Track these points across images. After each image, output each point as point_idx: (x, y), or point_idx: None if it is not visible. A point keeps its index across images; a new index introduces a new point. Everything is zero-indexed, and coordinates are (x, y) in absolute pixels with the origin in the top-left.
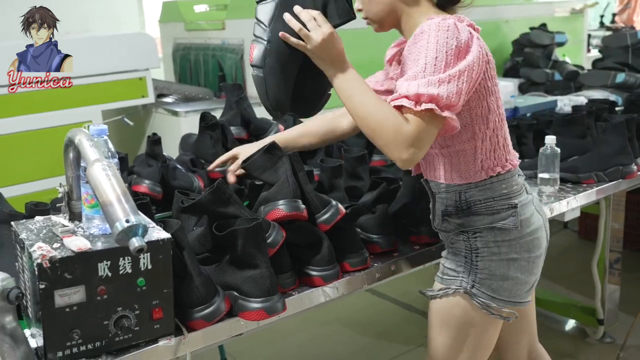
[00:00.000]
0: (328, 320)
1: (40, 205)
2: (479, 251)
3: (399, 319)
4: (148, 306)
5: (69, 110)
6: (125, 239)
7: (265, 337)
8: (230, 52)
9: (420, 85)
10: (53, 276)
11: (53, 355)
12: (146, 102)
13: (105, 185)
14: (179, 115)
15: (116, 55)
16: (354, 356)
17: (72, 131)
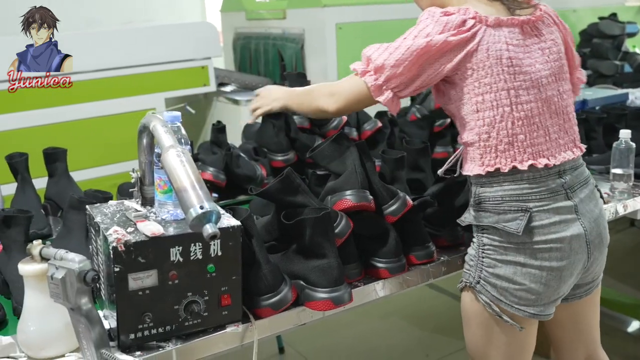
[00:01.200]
0: (385, 312)
1: (101, 193)
2: (486, 248)
3: (457, 315)
4: (217, 292)
5: (133, 98)
6: (199, 225)
7: (321, 328)
8: (291, 41)
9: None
10: (127, 260)
11: (125, 337)
12: (207, 90)
13: (180, 172)
14: (240, 103)
15: (179, 44)
16: (411, 350)
17: (146, 117)
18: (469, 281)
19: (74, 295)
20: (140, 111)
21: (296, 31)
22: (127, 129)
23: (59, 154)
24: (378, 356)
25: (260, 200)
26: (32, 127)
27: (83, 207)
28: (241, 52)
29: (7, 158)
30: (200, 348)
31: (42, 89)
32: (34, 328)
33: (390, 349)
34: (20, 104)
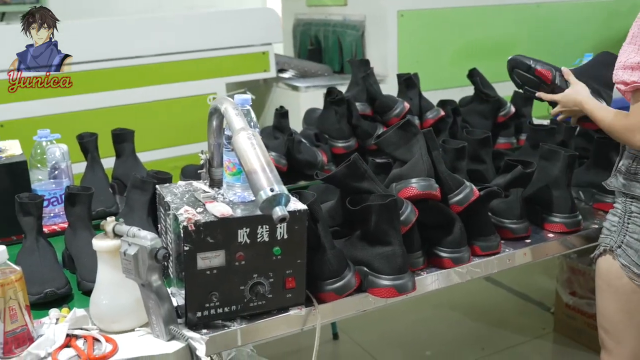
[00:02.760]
0: (439, 302)
1: (161, 174)
2: (633, 215)
3: (513, 309)
4: (282, 275)
5: (195, 82)
6: (268, 207)
7: (375, 315)
8: (351, 28)
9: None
10: (197, 239)
11: (192, 315)
12: (267, 76)
13: (251, 154)
14: (299, 90)
15: (241, 30)
16: (465, 342)
17: (217, 99)
18: (609, 245)
19: (145, 271)
20: (201, 95)
21: (357, 18)
22: (189, 112)
23: (126, 134)
24: (431, 346)
25: (318, 187)
26: (102, 109)
27: (145, 186)
28: (301, 38)
29: (78, 138)
30: (264, 329)
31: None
32: (106, 302)
33: (444, 340)
34: (90, 86)
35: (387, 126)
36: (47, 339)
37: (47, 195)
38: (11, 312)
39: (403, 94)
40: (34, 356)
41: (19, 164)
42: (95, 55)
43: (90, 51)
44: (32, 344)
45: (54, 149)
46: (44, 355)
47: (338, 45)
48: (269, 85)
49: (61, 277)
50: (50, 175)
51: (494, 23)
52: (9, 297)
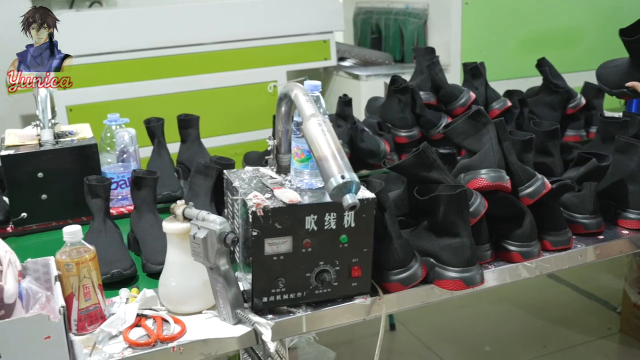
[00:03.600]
0: (498, 297)
1: (224, 159)
2: None
3: (577, 307)
4: (348, 263)
5: (257, 70)
6: (339, 194)
7: (432, 307)
8: (414, 16)
9: None
10: (265, 225)
11: (259, 300)
12: (328, 64)
13: (321, 141)
14: (360, 78)
15: (303, 18)
16: (525, 339)
17: (287, 85)
18: None
19: (213, 255)
20: (262, 83)
21: (419, 6)
22: (250, 100)
23: (192, 120)
24: (490, 342)
25: (380, 176)
26: (167, 95)
27: (209, 172)
28: (362, 26)
29: (145, 122)
30: (329, 317)
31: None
32: (175, 283)
33: (503, 336)
34: (156, 72)
35: (451, 116)
36: (118, 318)
37: (115, 178)
38: (85, 290)
39: (469, 84)
40: (106, 334)
41: (90, 146)
42: (161, 43)
43: (156, 38)
44: (104, 322)
45: (123, 133)
46: (115, 334)
47: (399, 34)
48: (329, 74)
49: (127, 258)
50: (118, 159)
51: (562, 11)
52: (83, 276)
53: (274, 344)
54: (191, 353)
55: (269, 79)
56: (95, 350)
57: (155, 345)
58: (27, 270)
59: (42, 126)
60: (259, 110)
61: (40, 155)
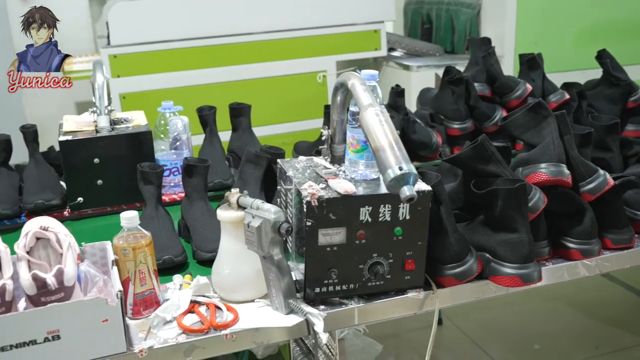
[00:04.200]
0: (550, 295)
1: (274, 149)
2: None
3: (631, 307)
4: (402, 256)
5: (307, 60)
6: (396, 186)
7: (480, 302)
8: (466, 6)
9: None
10: (319, 215)
11: (311, 290)
12: (378, 55)
13: (378, 131)
14: (411, 69)
15: (354, 7)
16: (577, 339)
17: (344, 74)
18: None
19: (267, 244)
20: (311, 73)
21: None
22: (298, 90)
23: (243, 109)
24: (541, 340)
25: (431, 168)
26: (218, 83)
27: (259, 161)
28: (412, 17)
29: (198, 110)
30: (381, 310)
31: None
32: (228, 271)
33: (554, 335)
34: (207, 61)
35: (506, 108)
36: (172, 304)
37: (168, 165)
38: (141, 275)
39: (525, 75)
40: (160, 319)
41: (145, 133)
42: (214, 31)
43: (209, 27)
44: (159, 307)
45: (176, 121)
46: (169, 319)
47: (450, 24)
48: (378, 64)
49: (178, 245)
50: (171, 146)
51: (623, 1)
52: (139, 261)
53: (325, 335)
54: (243, 341)
55: (319, 69)
56: (150, 334)
57: (208, 332)
58: (85, 254)
59: (98, 113)
60: (308, 100)
61: (97, 141)
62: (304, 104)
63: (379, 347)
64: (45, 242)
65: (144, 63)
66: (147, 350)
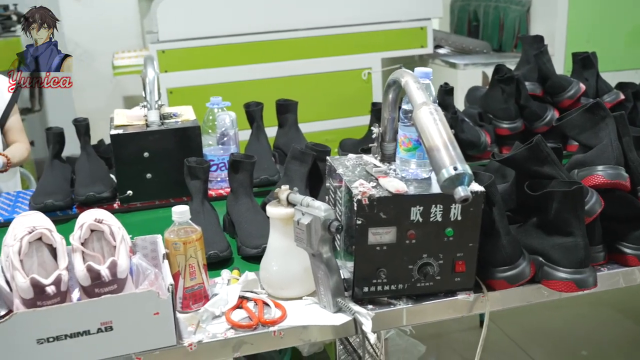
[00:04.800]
0: (598, 300)
1: (319, 146)
2: None
3: None
4: (452, 257)
5: (352, 57)
6: (450, 186)
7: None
8: (516, 4)
9: None
10: (370, 214)
11: (359, 289)
12: (424, 52)
13: (433, 130)
14: (457, 67)
15: (401, 4)
16: (627, 346)
17: (397, 72)
18: None
19: (317, 242)
20: (356, 70)
21: None
22: (343, 87)
23: (290, 105)
24: (588, 346)
25: (477, 168)
26: (263, 79)
27: (304, 158)
28: (459, 14)
29: (245, 106)
30: (430, 311)
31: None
32: (276, 268)
33: (602, 341)
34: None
35: (558, 108)
36: (221, 299)
37: (215, 160)
38: (191, 269)
39: (578, 74)
40: (209, 313)
41: (193, 128)
42: (260, 28)
43: (255, 23)
44: (208, 302)
45: (224, 116)
46: (218, 314)
47: (499, 22)
48: (424, 62)
49: (223, 240)
50: (219, 141)
51: None
52: (190, 255)
53: (374, 335)
54: (291, 338)
55: (364, 66)
56: (199, 328)
57: (256, 328)
58: (136, 247)
59: (149, 107)
60: (352, 97)
61: (147, 135)
62: (348, 101)
63: (422, 348)
64: (99, 235)
65: (191, 58)
66: (197, 345)
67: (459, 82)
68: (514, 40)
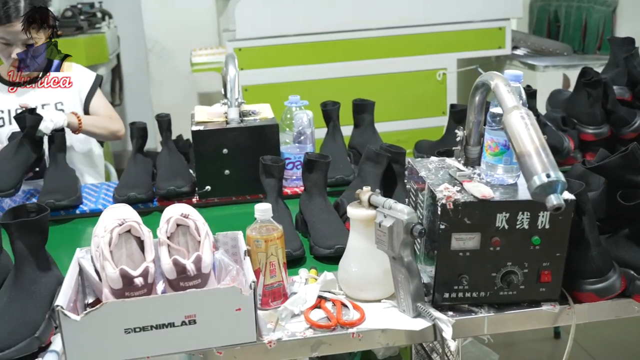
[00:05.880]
0: None
1: (394, 147)
2: None
3: None
4: (538, 267)
5: (427, 57)
6: (542, 194)
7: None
8: (601, 4)
9: None
10: (454, 218)
11: (440, 295)
12: (501, 53)
13: (524, 135)
14: (536, 69)
15: (480, 3)
16: None
17: (486, 74)
18: None
19: (398, 245)
20: (431, 70)
21: None
22: (416, 87)
23: (367, 105)
24: None
25: None
26: (336, 78)
27: (379, 159)
28: (538, 14)
29: (322, 105)
30: (513, 321)
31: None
32: (356, 269)
33: None
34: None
35: None
36: (300, 298)
37: (292, 158)
38: (271, 267)
39: None
40: (289, 312)
41: (272, 126)
42: (335, 27)
43: (330, 22)
44: (288, 300)
45: (302, 115)
46: (297, 313)
47: (581, 23)
48: (501, 63)
49: (296, 239)
50: (295, 140)
51: None
52: (271, 253)
53: (454, 342)
54: (370, 341)
55: (439, 67)
56: (278, 326)
57: (335, 329)
58: (217, 242)
59: (229, 105)
60: (426, 98)
61: (227, 132)
62: (421, 101)
63: (495, 357)
64: (184, 229)
65: (267, 56)
66: (276, 342)
67: (537, 85)
68: (598, 42)
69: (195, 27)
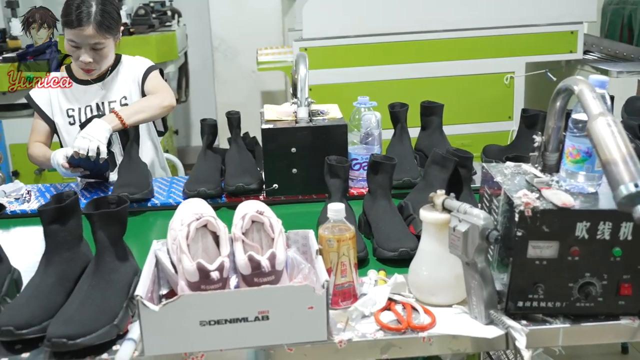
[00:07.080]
0: None
1: (461, 152)
2: None
3: None
4: (617, 279)
5: (495, 60)
6: (629, 204)
7: None
8: None
9: None
10: (532, 226)
11: (514, 303)
12: (572, 57)
13: (610, 143)
14: (610, 74)
15: (552, 6)
16: None
17: (569, 79)
18: None
19: (473, 250)
20: (499, 74)
21: None
22: (484, 90)
23: (436, 108)
24: None
25: None
26: (402, 79)
27: (445, 163)
28: (611, 17)
29: (390, 107)
30: (589, 334)
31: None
32: (427, 273)
33: None
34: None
35: None
36: (370, 299)
37: (359, 159)
38: (342, 267)
39: None
40: (359, 312)
41: (340, 127)
42: (401, 28)
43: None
44: (358, 301)
45: (370, 116)
46: (367, 314)
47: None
48: (571, 68)
49: (360, 241)
50: (362, 140)
51: None
52: (342, 253)
53: (528, 352)
54: (440, 346)
55: (506, 70)
56: (348, 326)
57: (405, 332)
58: (288, 240)
59: (299, 104)
60: (492, 101)
61: (296, 131)
62: (488, 105)
63: None
64: (259, 226)
65: (333, 57)
66: (346, 342)
67: (611, 91)
68: None
69: (261, 26)
